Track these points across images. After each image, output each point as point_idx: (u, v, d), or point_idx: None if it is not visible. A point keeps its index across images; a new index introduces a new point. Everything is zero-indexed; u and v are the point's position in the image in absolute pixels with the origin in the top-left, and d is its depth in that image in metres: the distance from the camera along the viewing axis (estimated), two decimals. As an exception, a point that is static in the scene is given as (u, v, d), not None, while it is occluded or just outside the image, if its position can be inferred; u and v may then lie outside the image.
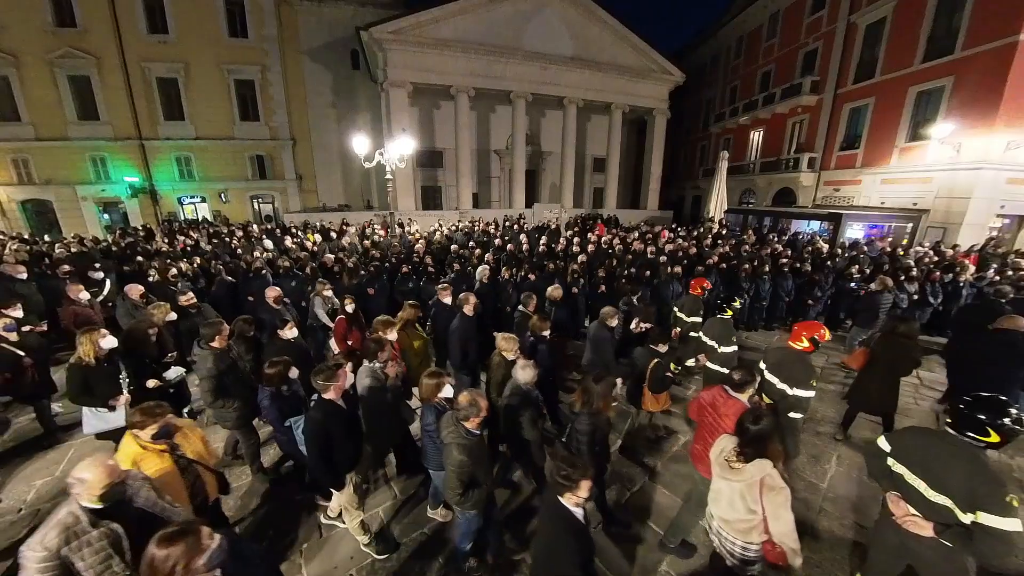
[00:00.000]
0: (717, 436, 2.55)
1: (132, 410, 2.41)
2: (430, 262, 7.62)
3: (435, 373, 2.98)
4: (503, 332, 3.89)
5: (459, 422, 2.51)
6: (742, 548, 2.25)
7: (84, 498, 1.80)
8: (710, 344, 4.41)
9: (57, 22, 16.13)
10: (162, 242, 11.31)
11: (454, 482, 2.45)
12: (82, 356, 3.36)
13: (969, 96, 11.49)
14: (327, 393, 2.75)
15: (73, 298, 5.27)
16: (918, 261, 9.04)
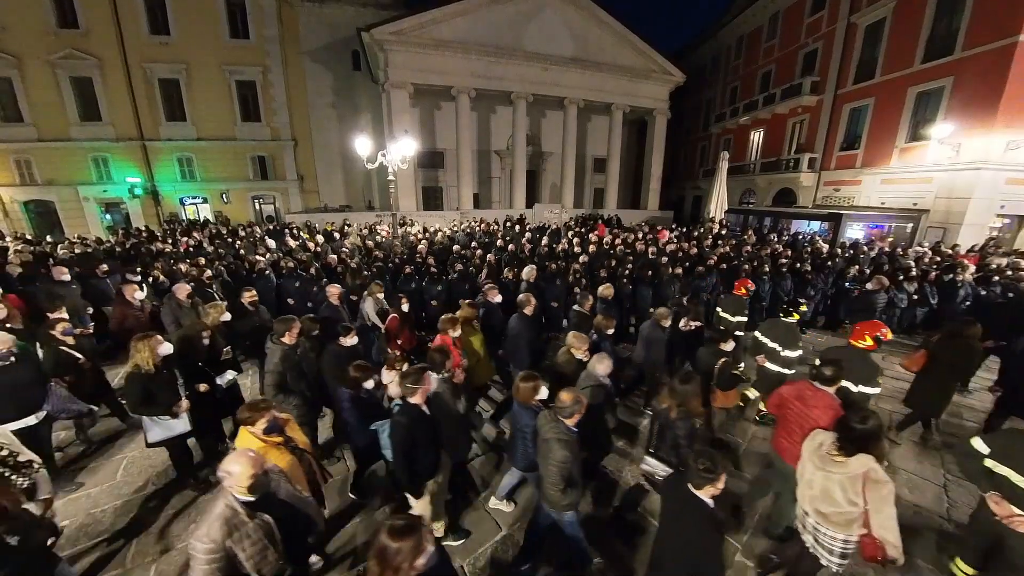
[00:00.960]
0: (805, 427, 2.70)
1: (244, 405, 2.43)
2: (432, 262, 7.66)
3: (531, 376, 2.95)
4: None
5: (559, 419, 2.55)
6: (843, 542, 2.27)
7: (236, 490, 1.88)
8: (771, 346, 4.46)
9: (59, 23, 16.19)
10: (165, 243, 11.35)
11: (556, 479, 2.47)
12: (140, 364, 3.24)
13: (969, 96, 11.52)
14: (413, 397, 2.70)
15: (128, 299, 5.20)
16: (918, 261, 9.08)
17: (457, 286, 6.61)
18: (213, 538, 1.79)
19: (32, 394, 3.40)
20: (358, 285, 6.36)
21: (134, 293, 5.26)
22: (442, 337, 4.00)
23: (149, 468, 3.99)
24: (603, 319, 4.24)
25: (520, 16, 17.58)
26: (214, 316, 4.25)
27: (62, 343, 3.98)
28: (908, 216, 13.07)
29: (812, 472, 2.37)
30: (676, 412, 2.90)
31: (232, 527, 1.83)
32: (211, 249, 10.22)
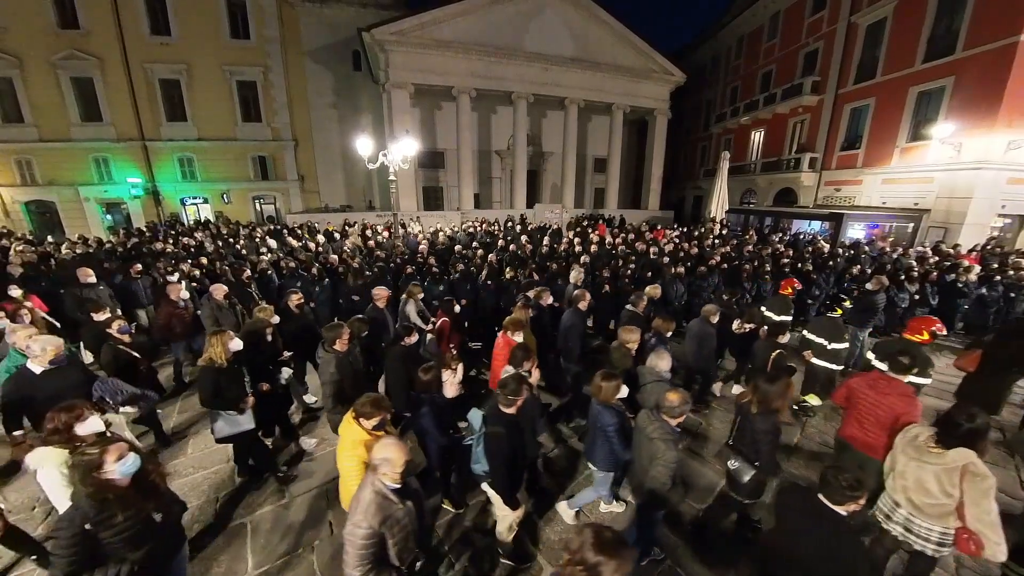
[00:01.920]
0: (878, 415, 2.87)
1: (365, 399, 2.45)
2: (433, 263, 7.66)
3: (611, 375, 2.95)
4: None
5: (663, 419, 2.56)
6: (940, 533, 2.29)
7: (389, 477, 1.92)
8: (818, 341, 4.58)
9: (60, 24, 16.21)
10: (166, 243, 11.35)
11: (666, 478, 2.50)
12: (213, 358, 3.31)
13: (970, 96, 11.52)
14: (510, 408, 2.66)
15: (173, 299, 5.23)
16: (920, 261, 9.07)
17: (458, 286, 6.61)
18: (371, 523, 1.84)
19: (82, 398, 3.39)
20: (360, 285, 6.37)
21: (179, 293, 5.30)
22: (505, 339, 3.95)
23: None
24: (663, 321, 4.24)
25: (520, 16, 17.59)
26: (264, 317, 4.22)
27: (119, 341, 3.97)
28: (909, 216, 13.06)
29: (905, 463, 2.42)
30: (757, 408, 2.90)
31: (386, 513, 1.88)
32: (212, 249, 10.23)
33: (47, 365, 3.08)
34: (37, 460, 2.29)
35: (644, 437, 2.64)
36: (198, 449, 4.28)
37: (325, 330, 3.61)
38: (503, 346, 3.92)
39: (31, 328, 3.73)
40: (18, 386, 3.07)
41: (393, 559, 1.95)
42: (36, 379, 3.08)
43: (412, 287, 5.53)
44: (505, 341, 3.95)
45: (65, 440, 2.27)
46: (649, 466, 2.56)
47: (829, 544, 1.95)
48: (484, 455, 2.70)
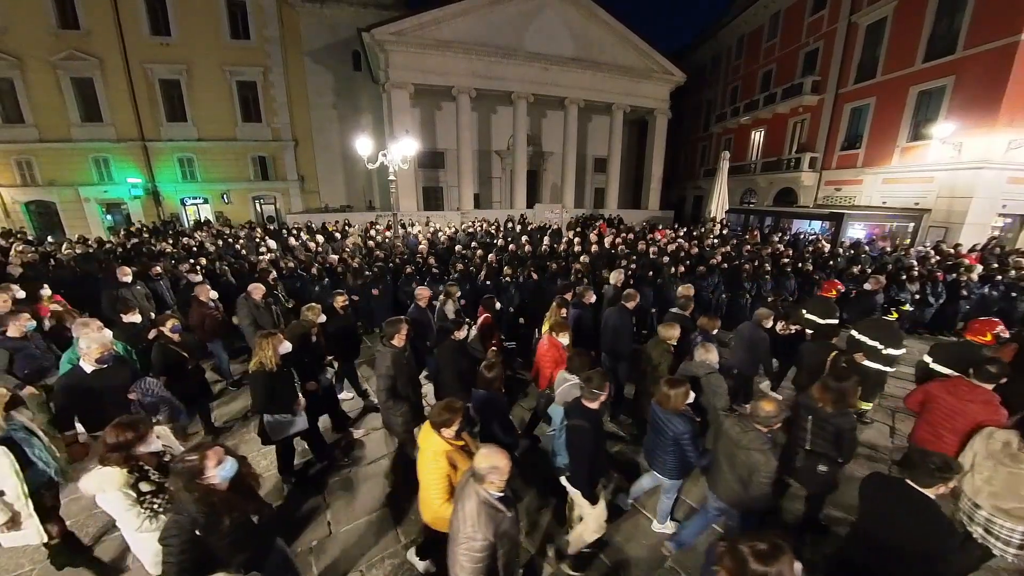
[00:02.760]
0: (954, 423, 2.88)
1: (437, 407, 2.42)
2: (433, 263, 7.65)
3: (679, 381, 2.89)
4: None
5: (756, 427, 2.55)
6: (1022, 534, 2.31)
7: (495, 486, 1.88)
8: (871, 344, 4.47)
9: (60, 24, 16.21)
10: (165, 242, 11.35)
11: (767, 487, 2.49)
12: (264, 362, 3.26)
13: (970, 96, 11.50)
14: (594, 403, 2.68)
15: (203, 300, 5.23)
16: (922, 261, 9.06)
17: (459, 286, 6.59)
18: (485, 535, 1.79)
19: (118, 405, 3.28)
20: (359, 285, 6.36)
21: (208, 293, 5.31)
22: (551, 340, 3.92)
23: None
24: (708, 320, 4.23)
25: (520, 16, 17.58)
26: (311, 317, 4.21)
27: (171, 341, 3.93)
28: (910, 216, 13.05)
29: (993, 468, 2.43)
30: (833, 407, 2.90)
31: (496, 523, 1.84)
32: (212, 249, 10.23)
33: (95, 364, 3.04)
34: (96, 484, 2.13)
35: (736, 447, 2.58)
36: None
37: (386, 324, 3.58)
38: (548, 346, 3.89)
39: (95, 322, 3.72)
40: (69, 384, 3.02)
41: (500, 572, 1.88)
42: (87, 378, 3.03)
43: (449, 287, 5.55)
44: (550, 342, 3.92)
45: (123, 459, 2.15)
46: (748, 477, 2.53)
47: (919, 528, 1.94)
48: (565, 448, 2.70)
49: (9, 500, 2.29)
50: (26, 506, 2.32)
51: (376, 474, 3.92)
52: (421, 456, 2.47)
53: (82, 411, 2.98)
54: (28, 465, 2.40)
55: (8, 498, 2.29)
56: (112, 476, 2.10)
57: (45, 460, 2.50)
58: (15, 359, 3.76)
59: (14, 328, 3.85)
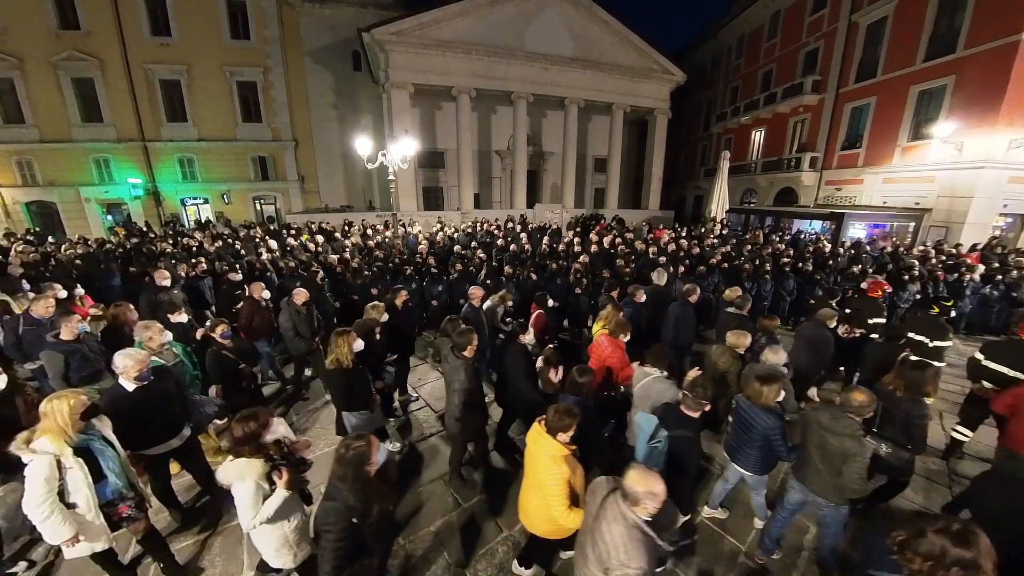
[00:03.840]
0: None
1: (556, 413, 2.31)
2: (433, 263, 7.65)
3: (772, 377, 2.89)
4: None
5: (849, 417, 2.60)
6: None
7: (647, 511, 1.76)
8: (918, 339, 4.53)
9: (61, 25, 16.23)
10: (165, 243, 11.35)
11: (863, 472, 2.53)
12: (340, 359, 3.24)
13: (971, 95, 11.49)
14: (696, 412, 2.71)
15: (256, 297, 5.20)
16: (923, 260, 9.04)
17: (458, 286, 6.60)
18: (640, 564, 1.67)
19: (176, 412, 3.15)
20: (359, 285, 6.36)
21: (261, 292, 5.27)
22: (611, 341, 3.90)
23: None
24: (769, 320, 4.21)
25: (520, 16, 17.58)
26: (375, 316, 4.18)
27: (223, 347, 3.84)
28: (910, 215, 13.03)
29: None
30: (906, 394, 2.97)
31: (650, 551, 1.71)
32: (212, 249, 10.23)
33: (134, 382, 2.85)
34: (236, 473, 2.12)
35: (828, 434, 2.62)
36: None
37: (456, 335, 3.46)
38: (612, 348, 3.85)
39: (155, 324, 3.62)
40: (111, 404, 2.80)
41: None
42: (128, 396, 2.84)
43: (505, 293, 5.51)
44: (612, 343, 3.88)
45: (255, 449, 2.18)
46: (842, 464, 2.57)
47: None
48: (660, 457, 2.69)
49: (81, 512, 2.22)
50: (97, 519, 2.26)
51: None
52: (533, 461, 2.40)
53: (126, 430, 2.77)
54: (100, 478, 2.32)
55: (80, 510, 2.22)
56: (252, 467, 2.14)
57: (117, 473, 2.41)
58: (69, 362, 3.66)
59: (67, 330, 3.75)
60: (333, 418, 4.22)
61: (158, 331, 3.55)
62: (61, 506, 2.13)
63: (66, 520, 2.14)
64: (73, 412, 2.20)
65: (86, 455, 2.25)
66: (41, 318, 4.29)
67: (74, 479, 2.17)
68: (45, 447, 2.11)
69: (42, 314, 4.30)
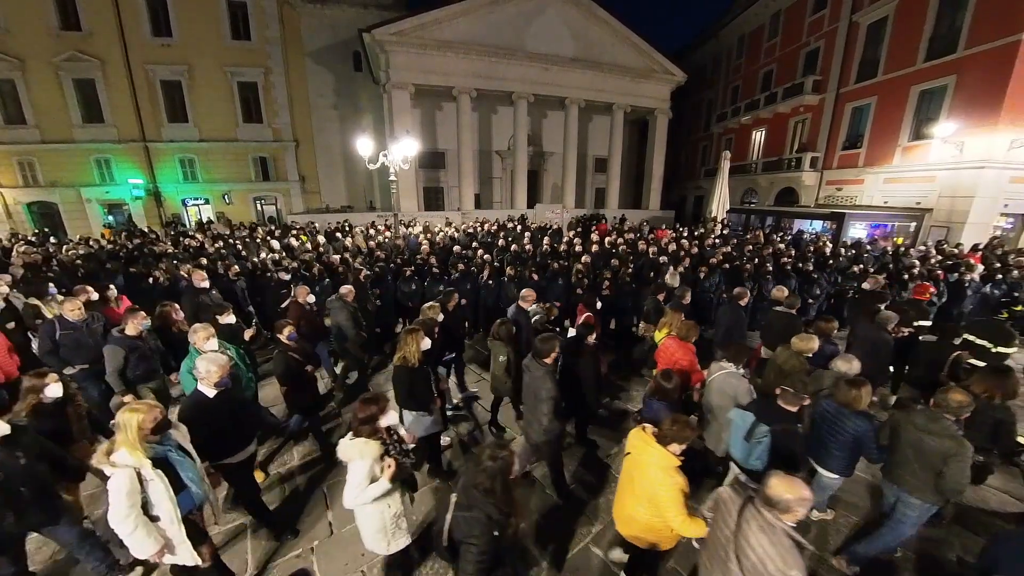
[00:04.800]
0: None
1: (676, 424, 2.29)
2: (434, 263, 7.66)
3: (861, 381, 2.91)
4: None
5: (947, 418, 2.65)
6: None
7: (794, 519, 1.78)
8: (979, 343, 4.45)
9: (62, 25, 16.26)
10: (165, 243, 11.38)
11: (968, 472, 2.56)
12: (408, 357, 3.22)
13: (972, 95, 11.48)
14: (795, 407, 2.72)
15: (301, 301, 5.20)
16: (923, 260, 9.03)
17: (458, 286, 6.61)
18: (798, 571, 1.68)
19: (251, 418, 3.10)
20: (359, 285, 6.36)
21: (306, 295, 5.28)
22: (684, 345, 3.87)
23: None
24: (827, 323, 4.15)
25: (521, 16, 17.59)
26: (432, 316, 4.15)
27: (288, 348, 3.82)
28: (911, 215, 13.02)
29: None
30: (999, 398, 3.01)
31: (799, 557, 1.73)
32: (212, 250, 10.24)
33: (215, 388, 2.76)
34: (357, 452, 2.21)
35: (925, 437, 2.65)
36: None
37: (539, 341, 3.35)
38: (683, 351, 3.81)
39: (209, 328, 3.58)
40: (195, 411, 2.70)
41: None
42: (210, 403, 2.75)
43: (551, 307, 5.47)
44: (682, 346, 3.84)
45: (372, 431, 2.30)
46: (942, 464, 2.59)
47: None
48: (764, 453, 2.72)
49: (163, 526, 2.17)
50: (179, 532, 2.21)
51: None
52: (640, 471, 2.35)
53: (207, 438, 2.67)
54: (180, 489, 2.26)
55: (163, 523, 2.17)
56: (372, 447, 2.24)
57: (196, 483, 2.35)
58: (128, 358, 3.76)
59: (132, 327, 3.84)
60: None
61: (209, 334, 3.49)
62: (145, 519, 2.09)
63: (151, 534, 2.11)
64: (142, 427, 2.13)
65: (164, 466, 2.19)
66: (76, 322, 4.19)
67: (156, 491, 2.12)
68: (124, 460, 2.06)
69: (76, 317, 4.20)
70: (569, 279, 6.87)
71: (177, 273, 7.12)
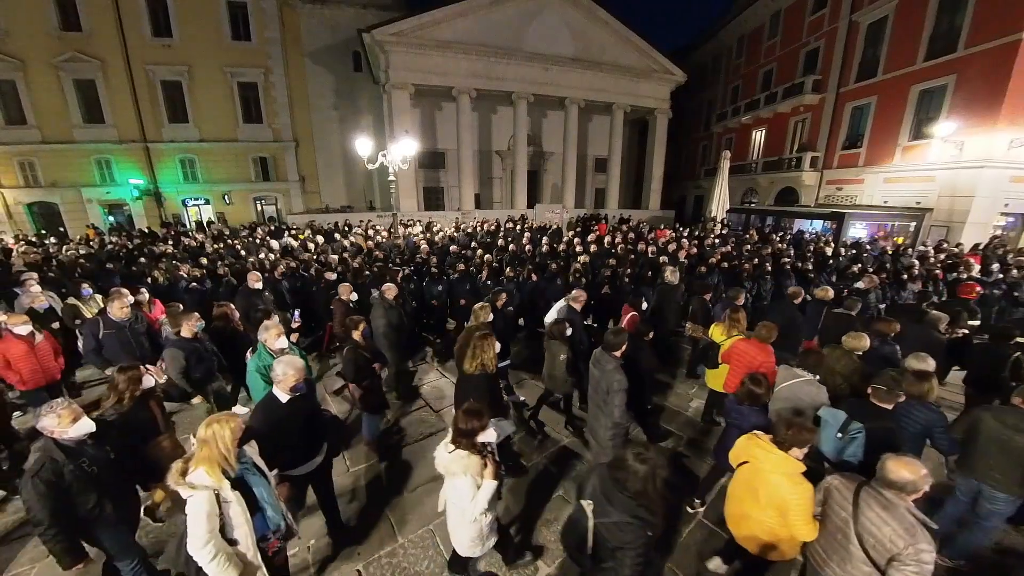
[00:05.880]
0: None
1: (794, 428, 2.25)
2: (434, 262, 7.66)
3: (928, 374, 2.96)
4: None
5: None
6: None
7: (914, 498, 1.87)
8: None
9: (62, 26, 16.28)
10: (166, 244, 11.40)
11: None
12: (486, 364, 3.11)
13: (972, 94, 11.47)
14: (891, 404, 2.79)
15: (344, 299, 5.21)
16: (922, 260, 9.02)
17: (458, 286, 6.62)
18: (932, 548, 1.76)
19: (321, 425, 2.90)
20: (360, 285, 6.37)
21: (350, 293, 5.29)
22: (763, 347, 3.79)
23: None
24: (885, 324, 4.12)
25: (521, 16, 17.60)
26: (483, 317, 4.10)
27: (359, 345, 3.79)
28: (911, 215, 13.00)
29: None
30: None
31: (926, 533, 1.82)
32: (212, 250, 10.26)
33: (290, 392, 2.58)
34: (461, 467, 2.13)
35: (1015, 435, 2.66)
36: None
37: (610, 334, 3.34)
38: (762, 354, 3.75)
39: (280, 325, 3.50)
40: (269, 416, 2.51)
41: None
42: (282, 408, 2.57)
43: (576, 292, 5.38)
44: (760, 349, 3.77)
45: (470, 444, 2.21)
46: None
47: None
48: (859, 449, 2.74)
49: (242, 551, 2.01)
50: (256, 556, 2.06)
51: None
52: (765, 479, 2.28)
53: (277, 447, 2.48)
54: (256, 510, 2.08)
55: (241, 548, 2.01)
56: (473, 461, 2.17)
57: (272, 505, 2.17)
58: (189, 359, 3.76)
59: (187, 328, 3.85)
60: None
61: (280, 332, 3.40)
62: (224, 544, 1.94)
63: (231, 560, 1.94)
64: (235, 438, 1.97)
65: (241, 486, 2.02)
66: (121, 321, 4.17)
67: (234, 514, 1.96)
68: (203, 480, 1.89)
69: (122, 316, 4.18)
70: (568, 279, 6.87)
71: (177, 273, 7.14)
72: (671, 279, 6.20)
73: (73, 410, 2.23)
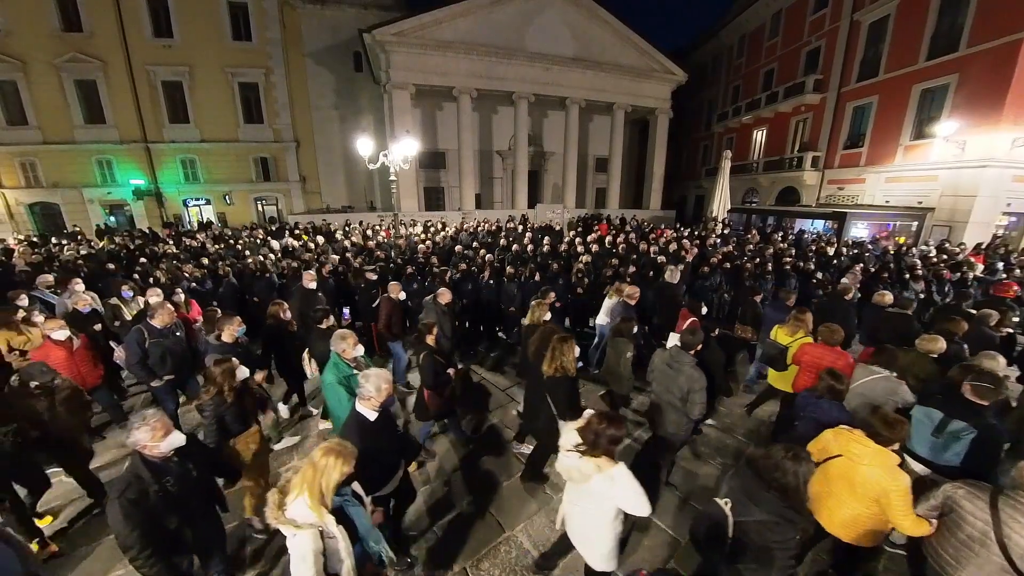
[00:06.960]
0: None
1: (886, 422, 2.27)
2: (435, 262, 7.66)
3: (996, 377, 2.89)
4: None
5: None
6: None
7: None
8: None
9: (64, 27, 16.31)
10: (167, 244, 11.40)
11: None
12: (567, 367, 3.00)
13: (974, 93, 11.44)
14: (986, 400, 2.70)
15: (393, 297, 5.13)
16: (924, 259, 9.00)
17: (459, 286, 6.61)
18: None
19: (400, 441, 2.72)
20: (360, 285, 6.37)
21: (399, 291, 5.22)
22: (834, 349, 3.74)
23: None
24: (953, 323, 4.07)
25: (521, 16, 17.58)
26: (539, 315, 4.02)
27: (433, 350, 3.65)
28: (913, 215, 12.98)
29: None
30: None
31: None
32: (213, 250, 10.26)
33: (377, 410, 2.39)
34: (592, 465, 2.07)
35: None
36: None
37: (687, 333, 3.32)
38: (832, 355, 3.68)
39: (353, 335, 3.29)
40: (363, 440, 2.25)
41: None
42: (374, 427, 2.38)
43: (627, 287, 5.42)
44: (831, 351, 3.71)
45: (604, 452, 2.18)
46: None
47: None
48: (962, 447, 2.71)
49: None
50: None
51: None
52: (862, 473, 2.31)
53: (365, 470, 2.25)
54: (355, 541, 1.94)
55: None
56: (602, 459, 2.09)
57: (376, 539, 2.04)
58: None
59: (227, 333, 3.68)
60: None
61: (356, 340, 3.23)
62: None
63: None
64: (342, 479, 1.84)
65: (341, 517, 1.87)
66: (165, 328, 3.94)
67: (339, 548, 1.81)
68: (307, 518, 1.74)
69: (165, 323, 3.96)
70: (569, 279, 6.86)
71: (178, 274, 7.13)
72: (671, 278, 6.19)
73: (165, 423, 2.06)
